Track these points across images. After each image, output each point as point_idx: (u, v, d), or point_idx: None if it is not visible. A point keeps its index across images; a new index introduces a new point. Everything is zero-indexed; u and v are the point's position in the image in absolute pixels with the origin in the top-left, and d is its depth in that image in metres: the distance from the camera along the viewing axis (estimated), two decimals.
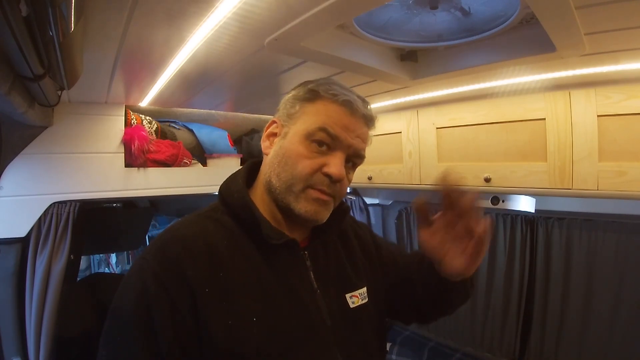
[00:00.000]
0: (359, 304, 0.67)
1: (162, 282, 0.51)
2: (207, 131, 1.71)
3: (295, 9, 0.67)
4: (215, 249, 0.56)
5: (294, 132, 0.61)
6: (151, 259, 0.53)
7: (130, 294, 0.52)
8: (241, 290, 0.54)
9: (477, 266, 0.61)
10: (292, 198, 0.59)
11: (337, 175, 0.58)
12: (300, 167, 0.58)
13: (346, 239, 0.75)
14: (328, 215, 0.62)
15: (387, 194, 2.19)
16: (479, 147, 1.31)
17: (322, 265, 0.65)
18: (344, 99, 0.59)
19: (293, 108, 0.63)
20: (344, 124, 0.59)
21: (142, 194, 1.41)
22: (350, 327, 0.63)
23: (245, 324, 0.52)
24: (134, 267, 0.55)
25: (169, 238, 0.56)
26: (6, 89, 0.68)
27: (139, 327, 0.50)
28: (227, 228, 0.59)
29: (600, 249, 1.40)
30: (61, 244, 1.22)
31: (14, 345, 1.16)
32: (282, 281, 0.58)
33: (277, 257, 0.59)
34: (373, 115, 0.65)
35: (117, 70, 0.99)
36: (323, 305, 0.61)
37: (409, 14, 0.88)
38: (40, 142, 1.23)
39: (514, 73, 1.01)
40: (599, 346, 1.40)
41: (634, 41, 0.78)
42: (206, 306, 0.51)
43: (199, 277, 0.52)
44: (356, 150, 0.62)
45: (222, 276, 0.54)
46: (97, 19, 0.67)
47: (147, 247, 0.57)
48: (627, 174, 0.97)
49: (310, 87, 0.62)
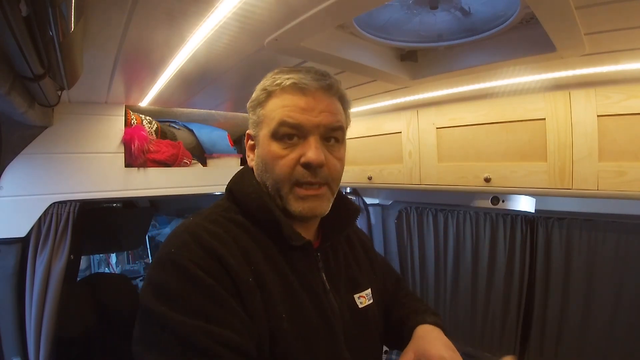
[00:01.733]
0: (366, 304, 0.67)
1: (205, 270, 0.48)
2: (207, 131, 1.71)
3: (295, 9, 0.67)
4: (243, 244, 0.55)
5: (262, 137, 0.60)
6: (184, 252, 0.49)
7: (172, 279, 0.47)
8: (272, 287, 0.54)
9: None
10: (284, 201, 0.58)
11: (315, 159, 0.56)
12: (277, 169, 0.58)
13: (351, 240, 0.75)
14: (329, 206, 0.61)
15: (387, 194, 2.19)
16: (479, 147, 1.31)
17: (332, 266, 0.66)
18: (289, 84, 0.57)
19: (255, 115, 0.62)
20: (301, 107, 0.57)
21: (142, 194, 1.41)
22: (359, 327, 0.64)
23: (278, 320, 0.52)
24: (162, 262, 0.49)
25: (195, 232, 0.52)
26: (6, 89, 0.68)
27: (208, 293, 0.47)
28: (245, 228, 0.59)
29: (600, 249, 1.40)
30: (61, 244, 1.22)
31: (14, 345, 1.16)
32: (302, 282, 0.58)
33: (294, 258, 0.59)
34: (331, 82, 0.60)
35: (117, 70, 0.99)
36: (335, 305, 0.61)
37: (409, 14, 0.88)
38: (40, 142, 1.23)
39: (514, 73, 1.01)
40: (599, 346, 1.40)
41: (634, 41, 0.78)
42: (249, 298, 0.50)
43: (239, 268, 0.51)
44: (328, 125, 0.58)
45: (254, 270, 0.53)
46: (97, 19, 0.67)
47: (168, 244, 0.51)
48: (627, 174, 0.97)
49: (260, 87, 0.62)
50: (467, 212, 1.83)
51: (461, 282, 1.89)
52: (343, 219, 0.66)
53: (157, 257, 0.51)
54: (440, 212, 1.96)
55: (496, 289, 1.74)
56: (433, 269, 2.02)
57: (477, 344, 1.82)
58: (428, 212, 2.01)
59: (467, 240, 1.85)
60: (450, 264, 1.94)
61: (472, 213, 1.82)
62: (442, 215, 1.95)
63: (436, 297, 2.02)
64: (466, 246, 1.86)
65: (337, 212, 0.65)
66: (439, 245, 1.99)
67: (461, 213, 1.86)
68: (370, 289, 0.71)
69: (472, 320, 1.84)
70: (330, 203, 0.61)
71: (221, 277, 0.48)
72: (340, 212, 0.65)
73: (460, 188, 1.36)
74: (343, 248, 0.72)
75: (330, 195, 0.61)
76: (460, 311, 1.90)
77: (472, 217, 1.82)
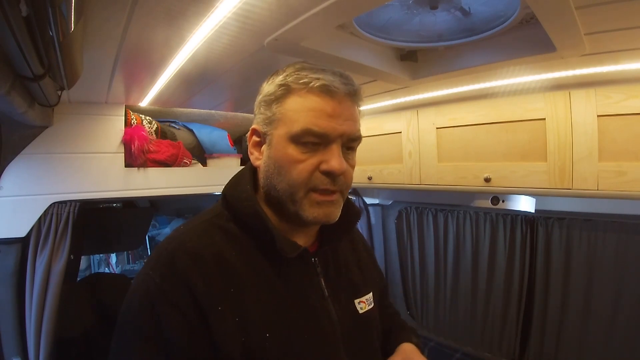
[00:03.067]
0: (366, 309, 0.66)
1: (171, 300, 0.49)
2: (207, 131, 1.71)
3: (295, 9, 0.67)
4: (225, 262, 0.53)
5: (277, 137, 0.56)
6: (157, 276, 0.50)
7: (138, 312, 0.51)
8: (254, 304, 0.52)
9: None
10: (297, 207, 0.55)
11: (338, 169, 0.54)
12: (295, 174, 0.54)
13: (354, 243, 0.74)
14: (339, 213, 0.59)
15: (387, 194, 2.19)
16: (479, 147, 1.31)
17: (332, 271, 0.64)
18: (319, 85, 0.53)
19: (269, 110, 0.57)
20: (328, 113, 0.53)
21: (142, 194, 1.41)
22: (359, 333, 0.63)
23: (259, 339, 0.51)
24: (139, 283, 0.52)
25: (174, 250, 0.53)
26: (6, 89, 0.68)
27: (149, 348, 0.48)
28: (235, 237, 0.57)
29: (600, 249, 1.40)
30: (61, 244, 1.22)
31: (14, 345, 1.16)
32: (294, 291, 0.57)
33: (287, 266, 0.58)
34: (357, 89, 0.57)
35: (117, 70, 0.99)
36: (333, 312, 0.60)
37: (409, 14, 0.88)
38: (40, 142, 1.23)
39: (514, 73, 1.01)
40: (599, 346, 1.40)
41: (634, 41, 0.78)
42: (219, 323, 0.49)
43: (210, 293, 0.50)
44: (350, 135, 0.56)
45: (233, 292, 0.52)
46: (97, 19, 0.67)
47: (150, 259, 0.54)
48: (627, 174, 0.97)
49: (278, 81, 0.56)
50: (467, 212, 1.83)
51: (461, 282, 1.89)
52: (344, 222, 0.63)
53: (141, 272, 0.53)
54: (440, 212, 1.96)
55: (496, 288, 1.74)
56: (433, 269, 2.02)
57: (477, 344, 1.82)
58: (428, 212, 2.01)
59: (467, 240, 1.85)
60: (450, 264, 1.94)
61: (472, 213, 1.82)
62: (442, 215, 1.95)
63: (436, 297, 2.02)
64: (466, 246, 1.86)
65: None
66: (439, 245, 1.99)
67: (461, 213, 1.86)
68: (372, 292, 0.69)
69: (472, 320, 1.84)
70: (340, 210, 0.59)
71: (187, 305, 0.49)
72: (342, 215, 0.61)
73: (460, 188, 1.36)
74: (345, 251, 0.70)
75: (342, 202, 0.60)
76: (460, 311, 1.90)
77: (472, 217, 1.82)
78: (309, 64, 0.57)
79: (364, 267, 0.72)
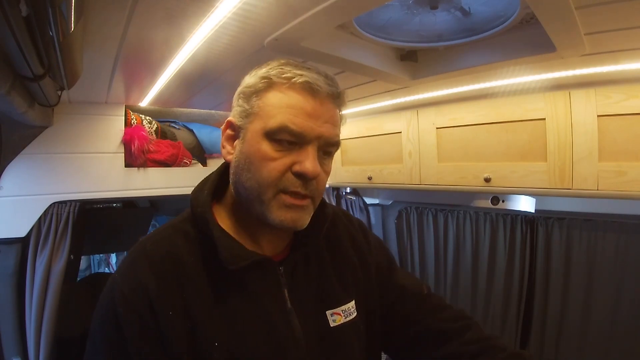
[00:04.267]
0: (341, 322, 0.61)
1: (131, 304, 0.49)
2: (207, 131, 1.71)
3: (295, 9, 0.67)
4: (181, 267, 0.52)
5: (252, 131, 0.53)
6: (120, 280, 0.52)
7: (102, 315, 0.52)
8: (204, 312, 0.51)
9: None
10: (264, 207, 0.52)
11: (312, 172, 0.50)
12: (265, 172, 0.51)
13: (338, 247, 0.67)
14: (308, 219, 0.55)
15: (387, 194, 2.20)
16: (479, 147, 1.31)
17: (300, 281, 0.60)
18: (301, 81, 0.50)
19: (247, 103, 0.54)
20: (307, 111, 0.51)
21: (142, 194, 1.41)
22: (330, 348, 0.58)
23: (206, 349, 0.50)
24: (107, 288, 0.53)
25: (136, 257, 0.54)
26: (6, 89, 0.68)
27: (114, 351, 0.49)
28: (194, 242, 0.55)
29: (600, 249, 1.40)
30: (61, 244, 1.22)
31: (14, 345, 1.17)
32: (250, 302, 0.54)
33: (245, 275, 0.54)
34: (339, 91, 0.54)
35: (117, 70, 0.99)
36: (297, 326, 0.56)
37: (409, 14, 0.88)
38: (40, 142, 1.23)
39: (514, 73, 1.01)
40: (599, 346, 1.40)
41: (634, 41, 0.78)
42: (170, 328, 0.49)
43: (163, 298, 0.50)
44: (328, 138, 0.53)
45: (184, 297, 0.51)
46: (97, 19, 0.67)
47: (119, 265, 0.56)
48: (627, 174, 0.97)
49: (261, 73, 0.53)
50: (467, 212, 1.83)
51: (461, 282, 1.89)
52: (314, 227, 0.58)
53: (110, 276, 0.54)
54: (440, 212, 1.96)
55: (496, 289, 1.74)
56: (433, 269, 2.03)
57: None
58: (428, 212, 2.01)
59: (467, 240, 1.85)
60: (450, 264, 1.94)
61: (472, 213, 1.82)
62: (442, 215, 1.95)
63: None
64: (466, 246, 1.86)
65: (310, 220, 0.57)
66: (439, 245, 1.99)
67: (461, 213, 1.86)
68: (355, 300, 0.64)
69: None
70: (310, 216, 0.55)
71: (144, 309, 0.49)
72: (312, 221, 0.56)
73: (460, 188, 1.36)
74: (321, 256, 0.64)
75: (312, 209, 0.56)
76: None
77: (472, 217, 1.82)
78: (294, 62, 0.55)
79: (348, 272, 0.65)
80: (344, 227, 0.71)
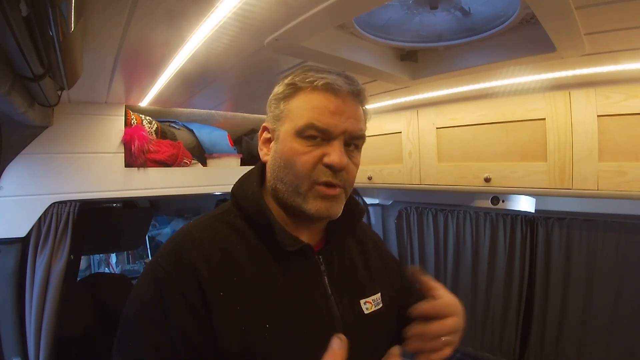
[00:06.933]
0: (372, 309, 0.66)
1: (177, 285, 0.51)
2: (207, 131, 1.71)
3: (295, 9, 0.67)
4: (229, 253, 0.55)
5: (284, 132, 0.59)
6: (165, 263, 0.53)
7: (145, 297, 0.52)
8: (255, 295, 0.54)
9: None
10: (301, 199, 0.58)
11: (338, 163, 0.56)
12: (299, 165, 0.57)
13: (363, 242, 0.74)
14: (341, 209, 0.61)
15: (387, 194, 2.20)
16: (479, 147, 1.31)
17: (337, 270, 0.65)
18: (323, 83, 0.57)
19: (277, 109, 0.61)
20: (331, 110, 0.57)
21: (142, 194, 1.41)
22: (364, 334, 0.63)
23: (258, 330, 0.52)
24: (147, 271, 0.55)
25: (181, 241, 0.56)
26: (6, 89, 0.68)
27: (156, 332, 0.50)
28: (240, 232, 0.59)
29: (600, 249, 1.40)
30: (61, 244, 1.22)
31: (14, 345, 1.16)
32: (296, 287, 0.58)
33: (291, 262, 0.59)
34: (360, 89, 0.61)
35: (117, 70, 0.99)
36: (336, 312, 0.60)
37: (409, 14, 0.88)
38: (40, 142, 1.23)
39: (514, 73, 1.01)
40: (599, 346, 1.40)
41: (634, 41, 0.78)
42: (220, 310, 0.51)
43: (213, 280, 0.52)
44: (353, 132, 0.59)
45: (236, 280, 0.53)
46: (97, 19, 0.67)
47: (159, 251, 0.57)
48: (627, 174, 0.97)
49: (287, 81, 0.60)
50: (467, 212, 1.83)
51: (461, 282, 1.89)
52: (349, 221, 0.65)
53: (150, 262, 0.56)
54: (440, 212, 1.96)
55: (496, 289, 1.74)
56: (433, 269, 2.03)
57: (477, 344, 1.82)
58: (428, 212, 2.02)
59: (467, 240, 1.86)
60: (450, 264, 1.94)
61: (472, 213, 1.82)
62: (442, 215, 1.95)
63: None
64: (466, 246, 1.86)
65: (343, 214, 0.64)
66: (439, 245, 2.00)
67: (461, 213, 1.86)
68: (381, 293, 0.69)
69: (472, 320, 1.84)
70: (342, 206, 0.61)
71: (192, 291, 0.51)
72: (346, 214, 0.63)
73: (460, 188, 1.36)
74: (351, 251, 0.70)
75: (344, 198, 0.61)
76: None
77: (472, 217, 1.82)
78: (316, 66, 0.61)
79: (373, 267, 0.72)
80: (366, 227, 0.81)
